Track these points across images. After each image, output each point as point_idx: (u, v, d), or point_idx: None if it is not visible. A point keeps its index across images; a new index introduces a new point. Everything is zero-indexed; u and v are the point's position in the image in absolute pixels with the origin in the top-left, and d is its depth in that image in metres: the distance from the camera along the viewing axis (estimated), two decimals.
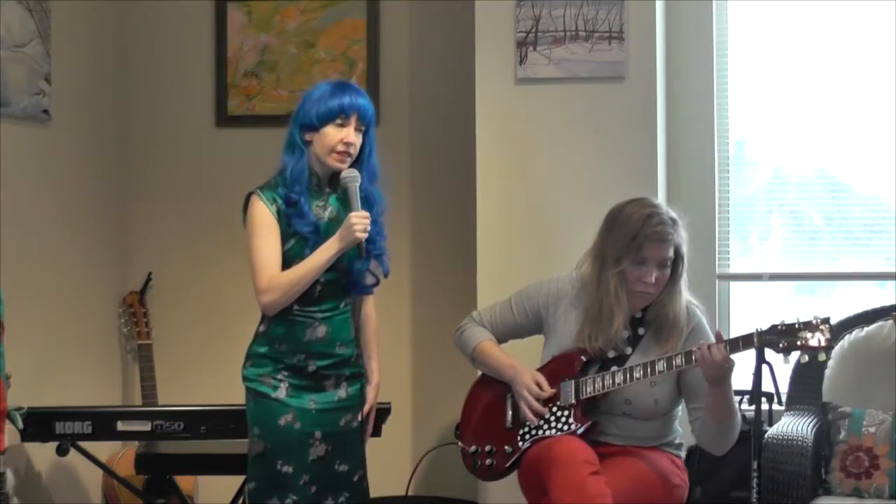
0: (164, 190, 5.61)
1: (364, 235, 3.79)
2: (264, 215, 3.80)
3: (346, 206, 3.88)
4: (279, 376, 3.84)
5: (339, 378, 3.91)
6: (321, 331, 3.87)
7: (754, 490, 3.83)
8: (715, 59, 5.11)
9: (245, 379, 3.88)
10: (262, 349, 3.86)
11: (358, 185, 3.85)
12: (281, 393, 3.83)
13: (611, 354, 4.09)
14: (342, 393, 3.92)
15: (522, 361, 4.22)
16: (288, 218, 3.80)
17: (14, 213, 4.84)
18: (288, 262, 3.80)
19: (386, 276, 3.97)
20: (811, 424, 4.56)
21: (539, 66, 4.90)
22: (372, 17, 5.46)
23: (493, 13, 4.93)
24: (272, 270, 3.77)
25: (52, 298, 5.13)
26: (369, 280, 3.97)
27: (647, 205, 4.07)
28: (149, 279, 5.56)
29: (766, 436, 4.38)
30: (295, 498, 3.82)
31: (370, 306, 4.05)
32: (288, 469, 3.81)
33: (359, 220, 3.78)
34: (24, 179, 4.95)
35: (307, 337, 3.85)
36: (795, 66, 5.14)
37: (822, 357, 3.88)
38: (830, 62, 5.10)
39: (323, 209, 3.87)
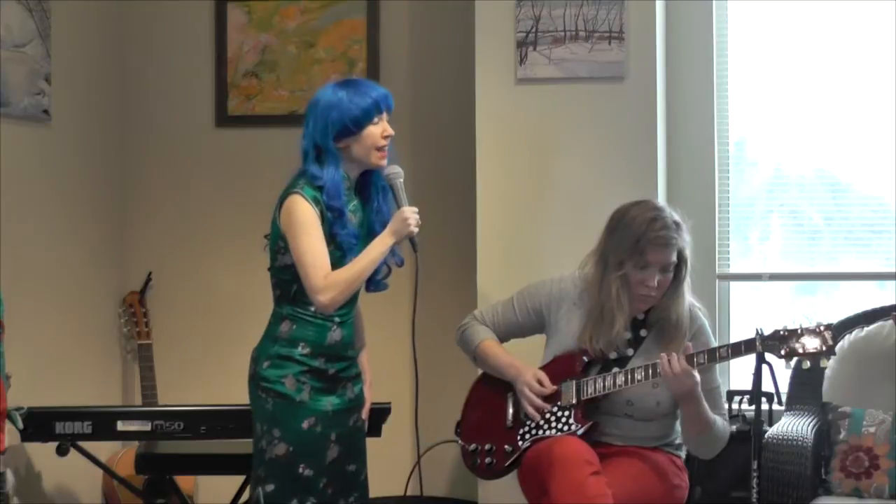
0: (164, 190, 5.61)
1: (416, 229, 3.83)
2: (310, 214, 3.74)
3: (371, 209, 3.89)
4: (303, 378, 3.81)
5: (348, 380, 3.92)
6: (338, 334, 3.86)
7: (754, 490, 3.83)
8: (715, 59, 5.11)
9: (263, 380, 3.82)
10: (285, 350, 3.82)
11: (402, 180, 3.87)
12: (304, 395, 3.80)
13: (612, 356, 4.09)
14: (350, 394, 3.92)
15: (524, 361, 4.22)
16: (331, 225, 3.77)
17: (14, 213, 4.84)
18: None
19: (400, 265, 3.96)
20: (811, 424, 4.56)
21: (539, 66, 4.90)
22: (372, 17, 5.46)
23: (493, 13, 4.93)
24: (326, 268, 3.73)
25: (53, 298, 5.13)
26: (382, 273, 3.95)
27: (651, 208, 4.06)
28: (149, 279, 5.56)
29: (766, 436, 4.38)
30: (315, 501, 3.81)
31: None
32: (309, 472, 3.80)
33: (412, 215, 3.82)
34: (24, 179, 4.95)
35: (328, 340, 3.84)
36: (795, 66, 5.14)
37: (823, 363, 3.89)
38: (830, 62, 5.10)
39: (353, 214, 3.86)
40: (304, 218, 3.74)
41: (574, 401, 4.08)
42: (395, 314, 5.21)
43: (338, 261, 3.78)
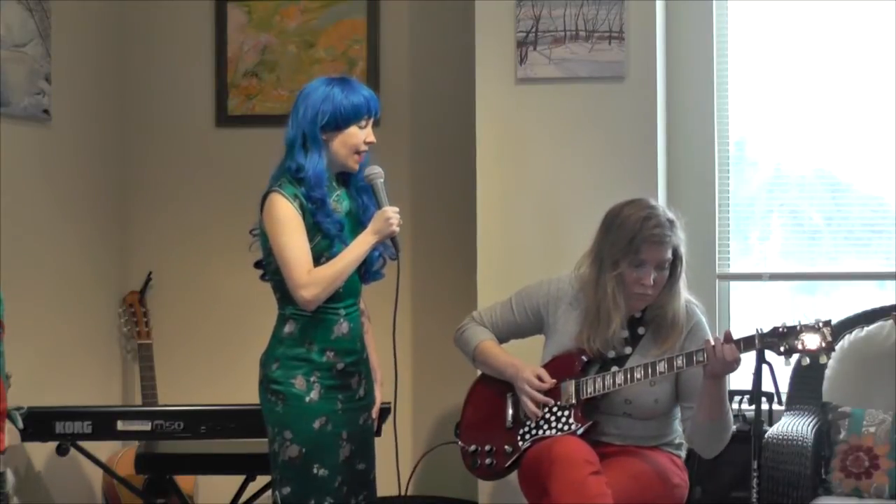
0: (164, 190, 5.61)
1: (398, 229, 3.82)
2: (289, 211, 3.75)
3: (356, 202, 3.89)
4: (312, 378, 3.80)
5: (359, 376, 3.91)
6: (345, 327, 3.85)
7: (754, 490, 3.83)
8: (715, 59, 5.11)
9: (273, 382, 3.81)
10: (293, 351, 3.81)
11: (382, 180, 3.87)
12: (314, 395, 3.80)
13: (610, 355, 4.10)
14: (361, 392, 3.92)
15: (523, 361, 4.22)
16: (312, 215, 3.77)
17: (14, 213, 4.84)
18: (315, 258, 3.77)
19: (393, 258, 3.94)
20: (811, 424, 4.56)
21: (539, 66, 4.90)
22: (372, 17, 5.46)
23: (493, 13, 4.93)
24: (308, 265, 3.74)
25: (52, 298, 5.13)
26: (378, 264, 3.96)
27: (644, 206, 4.06)
28: (149, 279, 5.56)
29: (766, 436, 4.39)
30: (332, 501, 3.81)
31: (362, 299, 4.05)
32: (324, 472, 3.80)
33: (393, 214, 3.81)
34: (24, 179, 4.95)
35: (335, 334, 3.83)
36: (795, 66, 5.14)
37: (822, 360, 3.88)
38: (831, 62, 5.11)
39: (338, 203, 3.86)
40: (283, 215, 3.75)
41: (573, 400, 4.08)
42: (392, 314, 5.22)
43: (326, 248, 3.78)
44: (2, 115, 4.80)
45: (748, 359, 3.90)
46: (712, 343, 3.88)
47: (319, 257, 3.78)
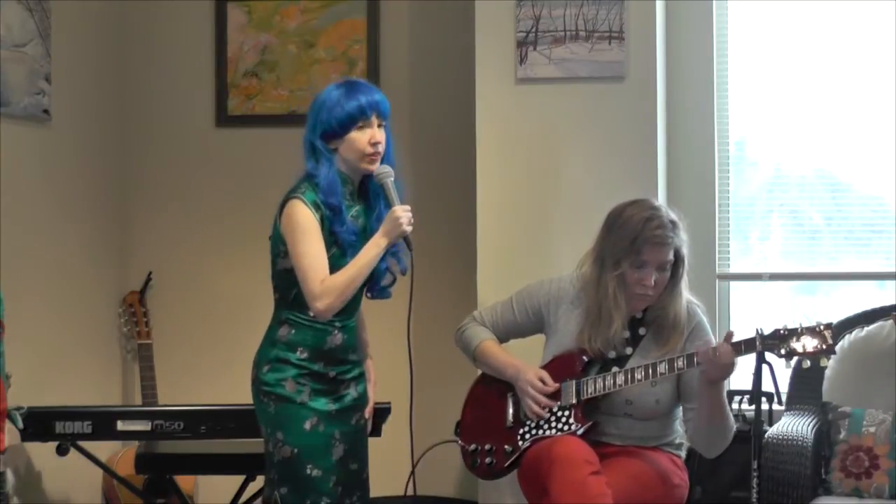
0: (164, 190, 5.62)
1: (410, 228, 3.79)
2: (310, 220, 3.72)
3: (369, 213, 3.87)
4: (302, 381, 3.80)
5: (349, 381, 3.91)
6: (338, 339, 3.85)
7: (754, 490, 3.83)
8: (715, 59, 5.11)
9: (263, 383, 3.81)
10: (284, 354, 3.81)
11: (392, 179, 3.83)
12: (304, 397, 3.80)
13: (611, 355, 4.10)
14: (353, 392, 3.92)
15: (524, 361, 4.22)
16: (331, 224, 3.76)
17: (14, 213, 4.84)
18: (329, 270, 3.75)
19: (404, 273, 3.94)
20: (811, 424, 4.56)
21: (539, 66, 4.90)
22: (372, 17, 5.46)
23: (493, 13, 4.93)
24: (323, 274, 3.72)
25: (52, 298, 5.13)
26: (387, 280, 3.94)
27: (647, 207, 4.06)
28: (149, 279, 5.56)
29: (766, 436, 4.39)
30: (328, 501, 3.81)
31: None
32: (318, 473, 3.80)
33: (403, 213, 3.78)
34: (24, 179, 4.95)
35: (327, 345, 3.83)
36: (795, 66, 5.14)
37: (823, 363, 3.88)
38: (831, 62, 5.11)
39: (355, 220, 3.85)
40: (304, 223, 3.73)
41: (574, 400, 4.08)
42: (394, 314, 5.21)
43: (338, 259, 3.77)
44: (2, 115, 4.80)
45: (748, 359, 3.90)
46: (706, 350, 3.88)
47: (331, 270, 3.76)
